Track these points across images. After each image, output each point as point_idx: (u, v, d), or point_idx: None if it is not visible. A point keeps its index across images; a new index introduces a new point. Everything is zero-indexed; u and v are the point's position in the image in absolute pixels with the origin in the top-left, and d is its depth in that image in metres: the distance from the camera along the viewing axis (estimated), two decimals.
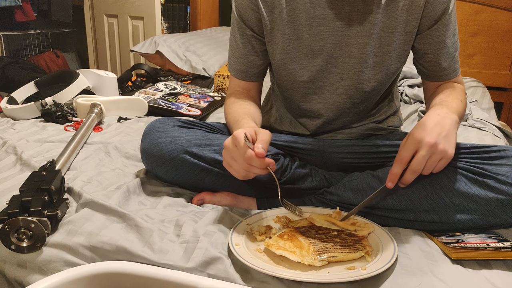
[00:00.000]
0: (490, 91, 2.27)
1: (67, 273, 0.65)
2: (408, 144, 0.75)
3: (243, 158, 0.74)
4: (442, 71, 0.95)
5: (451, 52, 0.93)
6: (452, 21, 0.91)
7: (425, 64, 0.96)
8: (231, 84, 1.06)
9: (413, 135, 0.75)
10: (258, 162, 0.73)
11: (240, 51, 1.00)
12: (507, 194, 0.77)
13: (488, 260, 0.71)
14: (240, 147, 0.74)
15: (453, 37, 0.93)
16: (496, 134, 1.53)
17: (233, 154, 0.76)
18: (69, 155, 1.05)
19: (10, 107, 1.50)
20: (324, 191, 0.94)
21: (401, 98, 1.91)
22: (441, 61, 0.94)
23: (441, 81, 0.97)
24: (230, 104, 1.00)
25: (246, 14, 0.96)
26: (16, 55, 3.31)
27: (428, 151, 0.73)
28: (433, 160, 0.74)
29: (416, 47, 0.94)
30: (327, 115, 0.99)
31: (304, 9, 0.91)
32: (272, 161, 0.75)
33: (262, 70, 1.03)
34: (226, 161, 0.78)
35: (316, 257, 0.68)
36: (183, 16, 3.09)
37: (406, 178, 0.76)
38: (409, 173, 0.75)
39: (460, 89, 0.94)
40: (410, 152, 0.74)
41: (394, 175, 0.76)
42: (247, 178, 0.78)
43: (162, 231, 0.76)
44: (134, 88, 1.96)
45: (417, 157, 0.74)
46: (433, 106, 0.85)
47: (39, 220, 0.71)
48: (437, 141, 0.73)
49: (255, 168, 0.75)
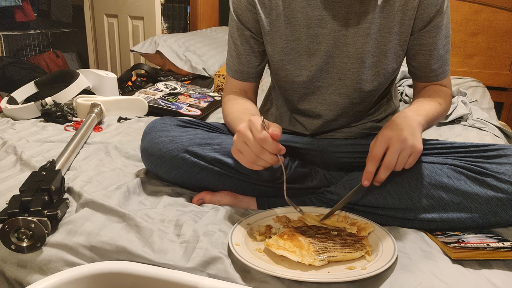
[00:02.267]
0: (490, 91, 2.27)
1: (67, 273, 0.65)
2: (379, 142, 0.78)
3: (257, 140, 0.74)
4: (431, 72, 0.96)
5: (441, 54, 0.94)
6: (445, 23, 0.91)
7: (415, 64, 0.97)
8: (228, 85, 1.06)
9: (383, 133, 0.79)
10: (272, 145, 0.74)
11: (238, 52, 1.00)
12: (507, 193, 0.77)
13: (488, 260, 0.71)
14: (256, 129, 0.74)
15: (445, 39, 0.93)
16: (496, 134, 1.53)
17: (245, 138, 0.76)
18: (69, 155, 1.05)
19: (10, 107, 1.50)
20: (324, 190, 0.94)
21: (401, 98, 1.91)
22: (431, 62, 0.94)
23: (430, 82, 0.98)
24: (229, 103, 1.00)
25: (243, 15, 0.96)
26: (16, 55, 3.31)
27: (399, 146, 0.76)
28: (403, 155, 0.77)
29: (408, 47, 0.95)
30: (326, 115, 0.99)
31: (301, 10, 0.91)
32: (284, 148, 0.76)
33: (259, 70, 1.04)
34: (236, 146, 0.78)
35: (316, 256, 0.68)
36: (183, 16, 3.09)
37: (380, 175, 0.79)
38: (383, 169, 0.78)
39: (444, 92, 0.96)
40: (381, 150, 0.78)
41: (368, 173, 0.79)
42: (255, 165, 0.78)
43: (162, 231, 0.76)
44: (134, 88, 1.96)
45: (389, 153, 0.77)
46: (406, 108, 0.89)
47: (39, 220, 0.71)
48: (405, 137, 0.77)
49: (267, 153, 0.75)
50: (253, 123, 0.75)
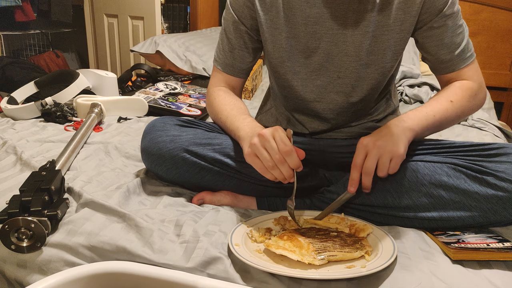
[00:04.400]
0: (490, 91, 2.27)
1: (67, 273, 0.65)
2: (358, 149, 0.82)
3: (281, 151, 0.76)
4: (445, 63, 0.94)
5: (456, 42, 0.91)
6: (455, 11, 0.90)
7: (428, 57, 0.96)
8: (214, 79, 1.05)
9: (361, 140, 0.82)
10: (295, 160, 0.76)
11: (231, 45, 1.00)
12: (507, 191, 0.77)
13: (488, 260, 0.71)
14: (282, 139, 0.77)
15: (456, 28, 0.91)
16: (496, 134, 1.53)
17: (268, 145, 0.77)
18: (69, 155, 1.05)
19: (10, 107, 1.50)
20: (324, 190, 0.94)
21: (401, 98, 1.91)
22: (442, 53, 0.92)
23: (449, 73, 0.95)
24: (219, 99, 1.00)
25: (240, 10, 0.97)
26: (16, 55, 3.31)
27: (376, 152, 0.79)
28: (383, 160, 0.79)
29: (419, 41, 0.94)
30: (325, 114, 0.99)
31: (300, 8, 0.91)
32: (302, 166, 0.78)
33: (249, 67, 1.04)
34: (254, 149, 0.79)
35: (315, 256, 0.68)
36: (183, 16, 3.09)
37: (363, 182, 0.81)
38: (363, 175, 0.80)
39: (460, 89, 0.92)
40: (361, 156, 0.80)
41: (353, 180, 0.81)
42: (269, 173, 0.79)
43: (162, 231, 0.76)
44: (134, 88, 1.96)
45: (367, 159, 0.80)
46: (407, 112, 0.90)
47: (39, 220, 0.71)
48: (382, 143, 0.79)
49: (286, 165, 0.77)
50: (279, 132, 0.77)
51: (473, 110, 0.96)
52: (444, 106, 0.89)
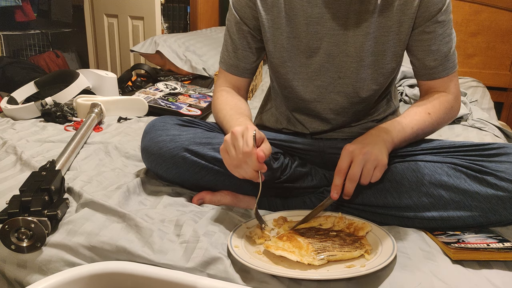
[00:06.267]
0: (490, 91, 2.27)
1: (67, 273, 0.65)
2: (343, 155, 0.81)
3: (242, 152, 0.75)
4: (428, 70, 0.94)
5: (443, 51, 0.92)
6: (447, 20, 0.90)
7: (414, 61, 0.96)
8: (220, 80, 1.06)
9: (346, 147, 0.82)
10: (254, 162, 0.75)
11: (235, 46, 1.01)
12: (507, 191, 0.77)
13: (488, 260, 0.71)
14: (246, 140, 0.75)
15: (446, 36, 0.92)
16: (496, 134, 1.53)
17: (236, 143, 0.76)
18: (69, 155, 1.05)
19: (10, 107, 1.50)
20: (324, 190, 0.94)
21: (401, 98, 1.91)
22: (428, 59, 0.93)
23: (428, 80, 0.96)
24: (222, 98, 1.00)
25: (243, 11, 0.97)
26: (16, 55, 3.31)
27: (362, 158, 0.78)
28: (367, 168, 0.79)
29: (408, 43, 0.94)
30: (326, 114, 0.99)
31: (301, 8, 0.91)
32: (265, 168, 0.77)
33: (254, 67, 1.04)
34: (226, 145, 0.79)
35: (315, 256, 0.68)
36: (183, 16, 3.09)
37: (346, 189, 0.80)
38: (348, 182, 0.80)
39: (438, 101, 0.93)
40: (346, 163, 0.80)
41: (336, 186, 0.81)
42: (235, 171, 0.79)
43: (162, 231, 0.76)
44: (134, 88, 1.96)
45: (353, 165, 0.79)
46: (382, 123, 0.91)
47: (39, 220, 0.71)
48: (368, 150, 0.79)
49: (247, 166, 0.76)
50: (247, 132, 0.76)
51: (448, 122, 0.98)
52: (422, 118, 0.91)
